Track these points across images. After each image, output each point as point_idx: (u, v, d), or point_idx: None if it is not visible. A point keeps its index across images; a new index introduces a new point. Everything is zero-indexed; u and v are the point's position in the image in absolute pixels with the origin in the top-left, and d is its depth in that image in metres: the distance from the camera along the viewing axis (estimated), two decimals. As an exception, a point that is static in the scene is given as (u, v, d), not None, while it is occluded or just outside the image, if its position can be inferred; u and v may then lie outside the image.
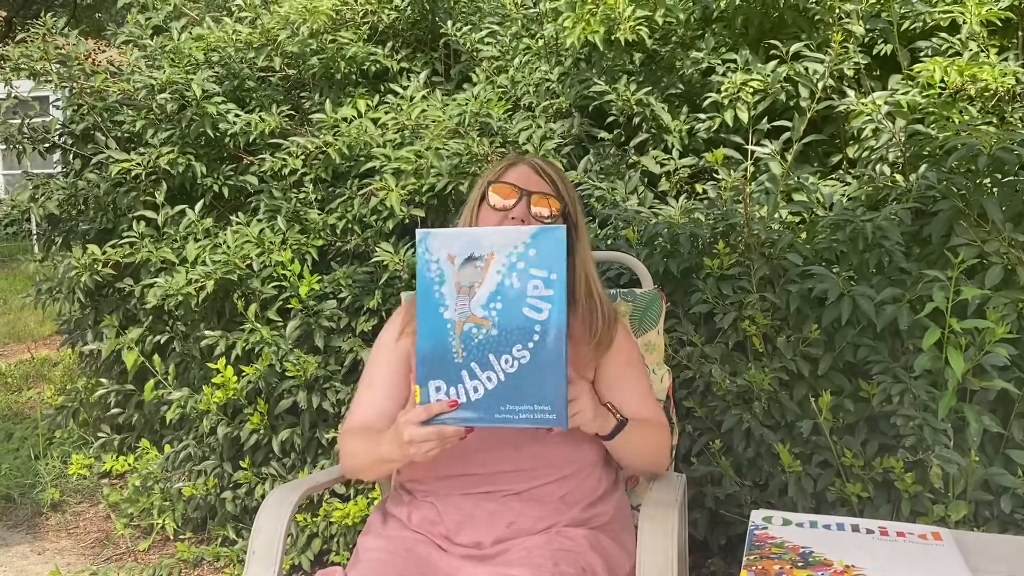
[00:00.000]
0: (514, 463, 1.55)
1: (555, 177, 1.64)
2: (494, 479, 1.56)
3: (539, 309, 1.33)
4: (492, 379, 1.35)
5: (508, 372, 1.35)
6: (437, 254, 1.38)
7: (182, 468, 2.92)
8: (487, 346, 1.35)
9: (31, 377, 5.07)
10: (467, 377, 1.36)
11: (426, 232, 1.39)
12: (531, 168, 1.64)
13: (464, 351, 1.36)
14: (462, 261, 1.37)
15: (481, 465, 1.56)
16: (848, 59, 2.59)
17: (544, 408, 1.34)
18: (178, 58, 3.11)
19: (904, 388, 1.97)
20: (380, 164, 2.70)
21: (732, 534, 2.32)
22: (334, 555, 2.62)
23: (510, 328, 1.34)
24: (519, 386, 1.34)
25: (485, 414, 1.36)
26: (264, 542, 1.60)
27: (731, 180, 2.58)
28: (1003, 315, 1.86)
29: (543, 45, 3.09)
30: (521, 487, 1.55)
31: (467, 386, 1.37)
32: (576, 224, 1.65)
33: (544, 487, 1.56)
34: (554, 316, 1.33)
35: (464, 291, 1.36)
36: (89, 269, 2.80)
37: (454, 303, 1.37)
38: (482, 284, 1.36)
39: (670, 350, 2.25)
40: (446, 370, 1.37)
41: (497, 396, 1.35)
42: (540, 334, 1.33)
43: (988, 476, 1.94)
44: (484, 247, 1.36)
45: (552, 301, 1.33)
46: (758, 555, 1.16)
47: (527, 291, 1.34)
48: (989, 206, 2.05)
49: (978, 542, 1.27)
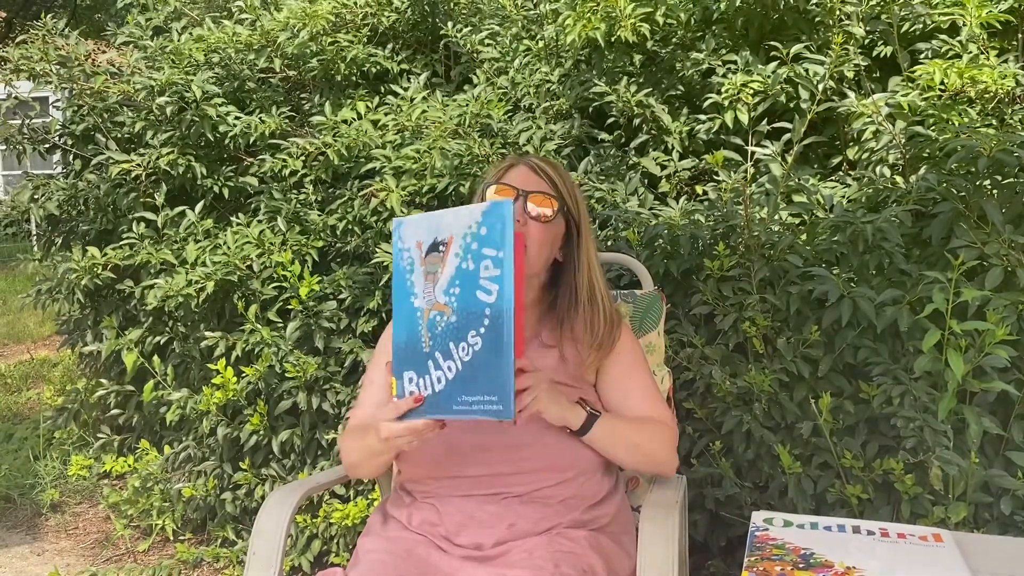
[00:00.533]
0: (515, 465, 1.54)
1: (554, 176, 1.62)
2: (494, 481, 1.55)
3: (488, 291, 1.24)
4: (452, 369, 1.28)
5: (464, 361, 1.26)
6: (408, 242, 1.33)
7: (182, 469, 2.92)
8: (448, 334, 1.28)
9: (31, 378, 5.07)
10: (432, 367, 1.30)
11: (399, 220, 1.35)
12: (529, 168, 1.63)
13: (430, 340, 1.30)
14: (428, 247, 1.32)
15: (482, 466, 1.55)
16: (848, 61, 2.59)
17: (491, 399, 1.23)
18: (178, 59, 3.11)
19: (904, 390, 1.97)
20: (380, 165, 2.70)
21: (732, 535, 2.32)
22: (334, 556, 2.61)
23: (466, 313, 1.26)
24: (473, 376, 1.25)
25: (445, 406, 1.29)
26: (264, 543, 1.60)
27: (731, 182, 2.58)
28: (1003, 317, 1.86)
29: (543, 47, 3.10)
30: (522, 489, 1.55)
31: (432, 377, 1.30)
32: (579, 224, 1.64)
33: (545, 489, 1.55)
34: (502, 298, 1.22)
35: (430, 278, 1.31)
36: (89, 272, 2.80)
37: (422, 291, 1.31)
38: (443, 269, 1.29)
39: (670, 351, 2.25)
40: (417, 360, 1.32)
41: (455, 387, 1.27)
42: (490, 318, 1.23)
43: (988, 478, 1.94)
44: (444, 231, 1.29)
45: (499, 281, 1.23)
46: (759, 556, 1.16)
47: (479, 272, 1.25)
48: (989, 208, 2.05)
49: (979, 544, 1.27)
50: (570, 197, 1.63)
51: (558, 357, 1.63)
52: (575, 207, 1.63)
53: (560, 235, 1.63)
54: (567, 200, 1.62)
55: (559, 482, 1.56)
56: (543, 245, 1.59)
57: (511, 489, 1.55)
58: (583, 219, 1.64)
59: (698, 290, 2.28)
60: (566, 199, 1.62)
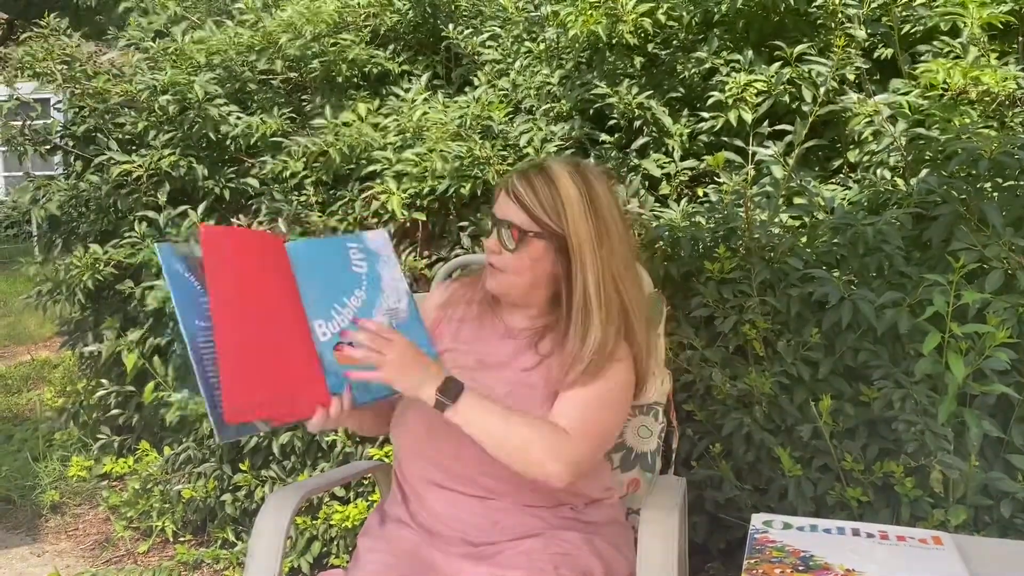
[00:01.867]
0: (493, 469, 1.51)
1: (527, 197, 1.52)
2: (475, 482, 1.56)
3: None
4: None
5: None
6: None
7: (182, 470, 2.92)
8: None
9: (31, 379, 5.07)
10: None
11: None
12: (504, 193, 1.56)
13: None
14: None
15: (456, 460, 1.55)
16: (850, 63, 2.59)
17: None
18: (180, 60, 3.12)
19: (905, 393, 1.97)
20: (381, 167, 2.70)
21: (732, 538, 2.32)
22: (334, 558, 2.61)
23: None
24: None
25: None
26: (263, 545, 1.60)
27: (732, 184, 2.58)
28: (1003, 319, 1.86)
29: (544, 48, 3.10)
30: (495, 484, 1.55)
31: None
32: (566, 236, 1.52)
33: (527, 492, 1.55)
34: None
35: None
36: (91, 269, 2.80)
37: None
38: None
39: (670, 353, 2.25)
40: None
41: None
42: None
43: (988, 481, 1.93)
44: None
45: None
46: (759, 559, 1.16)
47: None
48: (989, 211, 2.05)
49: (978, 546, 1.27)
50: (549, 213, 1.52)
51: (546, 370, 1.59)
52: (558, 222, 1.52)
53: (543, 254, 1.54)
54: (544, 218, 1.52)
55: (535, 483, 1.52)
56: (519, 270, 1.55)
57: (493, 488, 1.55)
58: (576, 234, 1.52)
59: (698, 292, 2.28)
60: (541, 217, 1.52)
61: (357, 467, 2.15)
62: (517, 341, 1.63)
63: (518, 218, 1.53)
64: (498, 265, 1.57)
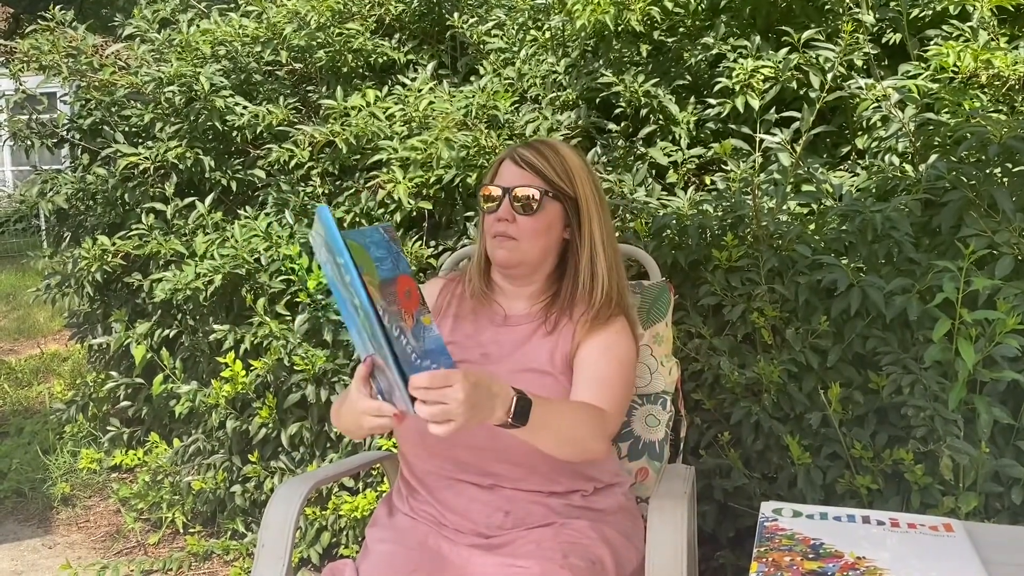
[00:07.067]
0: (500, 453, 1.53)
1: (538, 162, 1.60)
2: (483, 466, 1.56)
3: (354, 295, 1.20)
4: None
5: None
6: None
7: (191, 462, 2.93)
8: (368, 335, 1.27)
9: (41, 372, 5.09)
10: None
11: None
12: (512, 161, 1.62)
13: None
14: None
15: (467, 450, 1.55)
16: (858, 49, 2.57)
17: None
18: (186, 52, 3.11)
19: (914, 379, 1.96)
20: (387, 156, 2.69)
21: (741, 527, 2.32)
22: (343, 548, 2.62)
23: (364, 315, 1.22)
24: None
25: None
26: (273, 536, 1.60)
27: (740, 171, 2.56)
28: (1014, 306, 1.85)
29: (550, 37, 3.08)
30: (507, 472, 1.55)
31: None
32: (578, 202, 1.61)
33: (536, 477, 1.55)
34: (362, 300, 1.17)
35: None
36: (99, 260, 2.81)
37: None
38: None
39: (678, 342, 2.24)
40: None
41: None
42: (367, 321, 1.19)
43: (999, 467, 1.93)
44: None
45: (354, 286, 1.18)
46: (768, 547, 1.15)
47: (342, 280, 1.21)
48: (999, 196, 2.04)
49: (990, 533, 1.26)
50: (562, 177, 1.60)
51: (553, 346, 1.61)
52: (570, 186, 1.61)
53: (558, 218, 1.61)
54: (558, 181, 1.60)
55: (547, 471, 1.55)
56: (536, 235, 1.59)
57: (504, 478, 1.55)
58: (585, 197, 1.62)
59: (706, 280, 2.27)
60: (555, 181, 1.60)
61: (366, 457, 2.15)
62: (519, 328, 1.64)
63: (534, 182, 1.59)
64: (512, 234, 1.59)
